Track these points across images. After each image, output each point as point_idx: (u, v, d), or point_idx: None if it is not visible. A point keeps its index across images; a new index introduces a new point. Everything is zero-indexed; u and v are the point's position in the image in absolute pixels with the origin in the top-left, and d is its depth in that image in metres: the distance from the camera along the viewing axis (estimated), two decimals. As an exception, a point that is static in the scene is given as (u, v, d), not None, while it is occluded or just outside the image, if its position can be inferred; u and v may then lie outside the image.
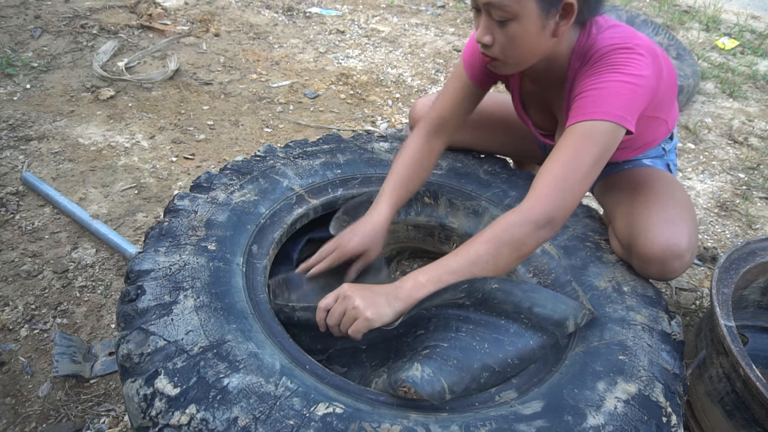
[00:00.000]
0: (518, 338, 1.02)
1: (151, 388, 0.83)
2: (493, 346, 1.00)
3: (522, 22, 1.01)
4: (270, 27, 3.10)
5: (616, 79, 1.03)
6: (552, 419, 0.87)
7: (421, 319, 1.03)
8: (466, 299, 1.01)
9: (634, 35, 1.09)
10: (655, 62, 1.07)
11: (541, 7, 1.00)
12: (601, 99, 1.02)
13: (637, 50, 1.05)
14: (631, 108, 1.03)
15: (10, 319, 1.39)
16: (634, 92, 1.03)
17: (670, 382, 0.98)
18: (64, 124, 2.10)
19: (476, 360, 0.98)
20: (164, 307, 0.94)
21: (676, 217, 1.21)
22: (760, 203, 2.20)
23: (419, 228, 1.52)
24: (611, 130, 1.02)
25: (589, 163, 1.02)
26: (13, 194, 1.75)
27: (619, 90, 1.02)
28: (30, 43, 2.54)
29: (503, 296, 1.01)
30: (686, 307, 1.69)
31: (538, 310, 1.02)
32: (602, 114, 1.02)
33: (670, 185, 1.30)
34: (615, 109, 1.01)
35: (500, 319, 1.03)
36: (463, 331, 1.00)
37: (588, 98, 1.04)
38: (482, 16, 1.05)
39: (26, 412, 1.21)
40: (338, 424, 0.81)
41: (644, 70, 1.03)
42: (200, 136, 2.15)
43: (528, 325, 1.03)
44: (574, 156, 1.02)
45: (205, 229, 1.12)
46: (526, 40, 1.04)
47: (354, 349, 1.07)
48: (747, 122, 2.77)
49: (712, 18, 3.93)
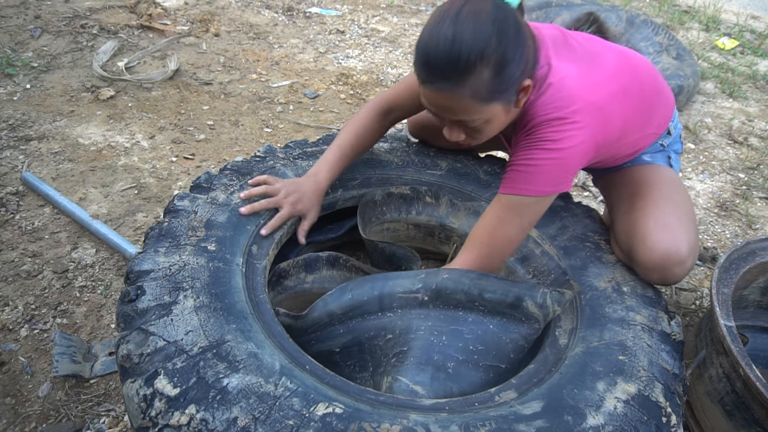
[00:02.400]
0: (477, 326, 1.09)
1: (151, 388, 0.84)
2: (451, 337, 1.08)
3: (491, 121, 1.07)
4: (270, 27, 3.10)
5: (544, 157, 1.08)
6: (552, 419, 0.87)
7: (388, 323, 1.09)
8: (424, 292, 1.09)
9: (573, 97, 1.08)
10: (596, 116, 1.09)
11: (504, 102, 1.05)
12: (530, 176, 1.10)
13: (571, 118, 1.07)
14: (560, 178, 1.11)
15: (10, 319, 1.39)
16: (563, 165, 1.09)
17: (669, 382, 0.98)
18: (64, 124, 2.10)
19: (435, 353, 1.05)
20: (164, 307, 0.94)
21: (675, 222, 1.21)
22: (760, 203, 2.20)
23: (420, 227, 1.52)
24: (539, 202, 1.13)
25: (512, 232, 1.15)
26: (13, 194, 1.75)
27: (548, 167, 1.09)
28: (30, 43, 2.54)
29: (453, 285, 1.08)
30: (686, 307, 1.69)
31: (489, 295, 1.08)
32: (529, 191, 1.11)
33: (669, 187, 1.30)
34: (542, 186, 1.11)
35: (458, 310, 1.10)
36: (422, 329, 1.08)
37: (518, 173, 1.11)
38: None
39: (26, 412, 1.21)
40: (338, 424, 0.81)
41: (575, 138, 1.07)
42: (200, 136, 2.15)
43: (485, 312, 1.09)
44: (499, 225, 1.14)
45: (205, 229, 1.12)
46: (495, 128, 1.11)
47: (329, 352, 1.10)
48: (747, 122, 2.77)
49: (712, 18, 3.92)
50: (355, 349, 1.10)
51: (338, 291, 1.08)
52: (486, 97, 1.01)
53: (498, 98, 1.03)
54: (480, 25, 0.96)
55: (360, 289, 1.09)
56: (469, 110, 1.03)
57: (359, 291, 1.08)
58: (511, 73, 1.01)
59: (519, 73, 1.02)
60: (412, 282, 1.09)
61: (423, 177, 1.47)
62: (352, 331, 1.09)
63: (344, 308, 1.07)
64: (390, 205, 1.46)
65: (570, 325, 1.13)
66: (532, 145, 1.10)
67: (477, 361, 1.07)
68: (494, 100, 1.03)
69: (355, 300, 1.07)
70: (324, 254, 1.32)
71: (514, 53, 1.00)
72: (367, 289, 1.09)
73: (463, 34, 0.96)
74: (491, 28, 0.96)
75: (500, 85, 1.01)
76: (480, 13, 0.97)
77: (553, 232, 1.33)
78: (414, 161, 1.51)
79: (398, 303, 1.10)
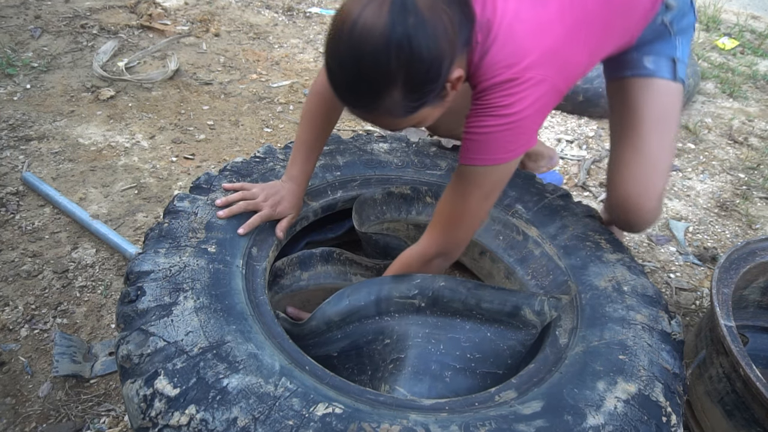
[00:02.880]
0: (475, 333, 1.09)
1: (151, 388, 0.83)
2: (448, 345, 1.08)
3: (424, 121, 0.99)
4: (270, 27, 3.10)
5: (495, 124, 0.99)
6: (552, 419, 0.87)
7: (386, 328, 1.10)
8: (420, 299, 1.09)
9: (523, 50, 0.96)
10: (553, 64, 0.98)
11: (431, 103, 0.94)
12: (483, 145, 1.02)
13: (521, 78, 0.96)
14: (519, 142, 1.02)
15: (10, 319, 1.39)
16: (518, 129, 1.00)
17: (670, 381, 0.98)
18: (64, 124, 2.10)
19: (432, 362, 1.06)
20: (164, 308, 0.94)
21: (650, 172, 1.28)
22: (760, 203, 2.20)
23: (420, 228, 1.52)
24: (498, 169, 1.04)
25: (474, 204, 1.08)
26: (13, 194, 1.75)
27: (501, 134, 1.00)
28: (30, 43, 2.54)
29: (450, 294, 1.08)
30: (686, 307, 1.69)
31: (486, 305, 1.08)
32: (485, 160, 1.03)
33: (656, 124, 1.30)
34: (498, 154, 1.02)
35: (455, 318, 1.10)
36: (420, 337, 1.08)
37: (473, 142, 1.03)
38: None
39: (26, 412, 1.21)
40: (337, 424, 0.81)
41: (528, 98, 0.97)
42: (200, 136, 2.15)
43: (482, 320, 1.10)
44: (461, 199, 1.08)
45: (205, 231, 1.12)
46: (431, 120, 1.01)
47: (327, 356, 1.10)
48: (747, 122, 2.77)
49: (712, 18, 3.92)
50: (353, 353, 1.11)
51: (336, 298, 1.08)
52: (404, 112, 0.91)
53: (420, 106, 0.92)
54: (377, 44, 0.82)
55: (357, 294, 1.09)
56: (392, 125, 0.96)
57: (356, 296, 1.09)
58: (428, 79, 0.88)
59: (441, 72, 0.88)
60: (408, 287, 1.10)
61: (423, 177, 1.47)
62: (349, 336, 1.10)
63: (342, 314, 1.08)
64: (390, 205, 1.46)
65: (570, 324, 1.13)
66: (482, 113, 1.00)
67: (474, 369, 1.08)
68: (416, 109, 0.92)
69: (353, 305, 1.08)
70: (317, 250, 1.32)
71: (429, 55, 0.85)
72: (364, 294, 1.09)
73: (361, 59, 0.83)
74: (391, 42, 0.82)
75: (418, 98, 0.90)
76: (375, 26, 0.81)
77: (553, 231, 1.33)
78: (414, 161, 1.51)
79: (395, 307, 1.10)
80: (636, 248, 1.91)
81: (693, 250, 1.93)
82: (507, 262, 1.36)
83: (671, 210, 2.12)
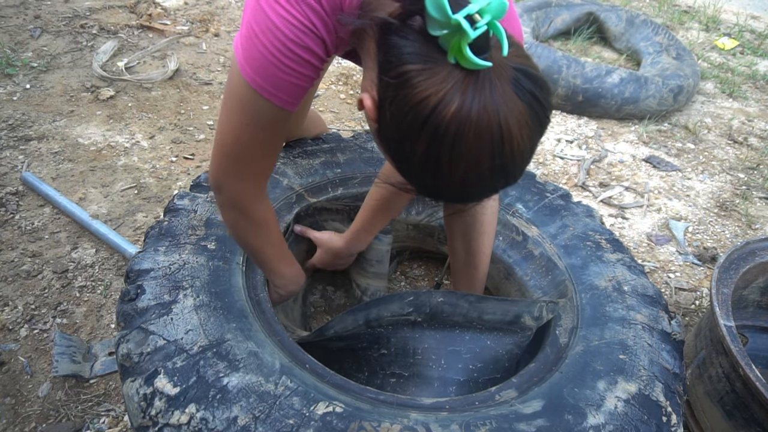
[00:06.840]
0: (475, 344, 1.08)
1: (151, 387, 0.83)
2: (450, 359, 1.06)
3: None
4: (270, 27, 3.10)
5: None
6: (552, 418, 0.87)
7: (380, 337, 1.08)
8: (416, 315, 1.06)
9: None
10: None
11: None
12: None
13: None
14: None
15: (10, 319, 1.39)
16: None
17: (670, 381, 0.98)
18: (63, 124, 2.09)
19: (435, 380, 1.05)
20: (164, 306, 0.94)
21: None
22: (760, 203, 2.20)
23: (419, 228, 1.52)
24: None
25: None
26: (13, 194, 1.75)
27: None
28: (30, 43, 2.54)
29: (451, 309, 1.06)
30: (686, 307, 1.69)
31: (489, 317, 1.07)
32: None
33: None
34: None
35: (454, 329, 1.08)
36: (420, 353, 1.07)
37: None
38: None
39: (26, 412, 1.20)
40: (338, 423, 0.81)
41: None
42: (200, 136, 2.15)
43: (482, 330, 1.09)
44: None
45: (205, 228, 1.12)
46: None
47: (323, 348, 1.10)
48: (747, 122, 2.77)
49: (712, 18, 3.93)
50: (349, 353, 1.11)
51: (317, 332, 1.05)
52: None
53: None
54: None
55: (342, 324, 1.05)
56: None
57: (341, 326, 1.05)
58: None
59: None
60: (401, 306, 1.05)
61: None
62: (344, 340, 1.09)
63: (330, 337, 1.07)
64: (390, 205, 1.46)
65: (570, 324, 1.13)
66: None
67: (477, 378, 1.08)
68: None
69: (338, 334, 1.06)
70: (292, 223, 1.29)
71: None
72: (350, 322, 1.05)
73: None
74: None
75: None
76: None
77: (554, 231, 1.33)
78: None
79: (387, 322, 1.08)
80: (636, 248, 1.91)
81: (693, 250, 1.93)
82: (507, 262, 1.36)
83: (671, 210, 2.12)
